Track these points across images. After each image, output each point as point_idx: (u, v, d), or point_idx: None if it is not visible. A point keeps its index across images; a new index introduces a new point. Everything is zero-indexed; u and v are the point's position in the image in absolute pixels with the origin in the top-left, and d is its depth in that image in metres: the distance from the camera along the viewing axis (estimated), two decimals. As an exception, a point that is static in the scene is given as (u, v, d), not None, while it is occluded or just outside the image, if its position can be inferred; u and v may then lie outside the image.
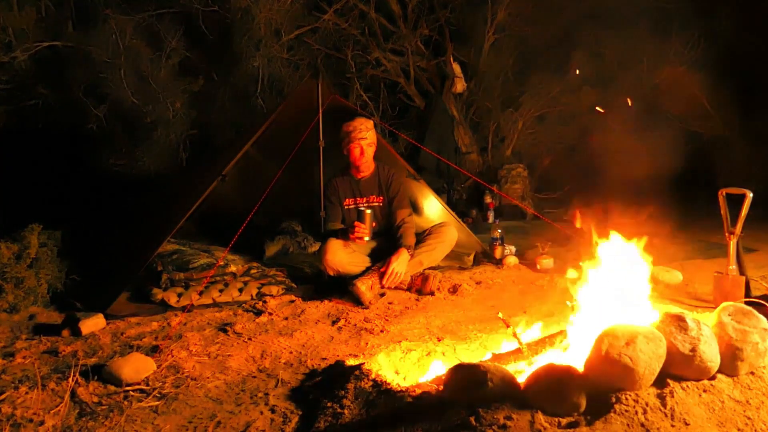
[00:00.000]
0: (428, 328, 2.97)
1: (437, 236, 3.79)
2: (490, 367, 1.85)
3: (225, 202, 4.38)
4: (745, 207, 3.04)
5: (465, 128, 8.21)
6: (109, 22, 5.70)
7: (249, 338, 2.83)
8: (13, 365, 2.51)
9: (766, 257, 4.30)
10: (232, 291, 3.58)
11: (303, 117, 4.14)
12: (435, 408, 1.81)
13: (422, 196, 4.72)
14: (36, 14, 5.72)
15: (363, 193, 3.88)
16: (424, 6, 7.95)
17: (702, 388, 1.86)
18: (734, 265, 3.11)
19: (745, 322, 2.02)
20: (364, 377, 2.06)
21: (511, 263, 4.30)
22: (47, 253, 3.45)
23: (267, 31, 6.63)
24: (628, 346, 1.80)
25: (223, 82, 6.65)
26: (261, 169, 4.50)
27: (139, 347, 2.71)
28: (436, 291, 3.62)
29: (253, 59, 6.54)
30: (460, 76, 7.99)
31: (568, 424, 1.69)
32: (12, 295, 3.17)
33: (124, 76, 5.71)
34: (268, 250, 4.60)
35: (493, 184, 7.21)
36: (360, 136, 3.73)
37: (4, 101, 5.75)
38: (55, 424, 1.96)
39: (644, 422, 1.68)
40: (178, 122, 6.17)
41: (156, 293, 3.45)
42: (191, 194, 3.75)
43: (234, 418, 2.02)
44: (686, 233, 5.19)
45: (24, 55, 5.58)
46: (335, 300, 3.47)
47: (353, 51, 7.71)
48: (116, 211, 5.16)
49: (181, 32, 6.24)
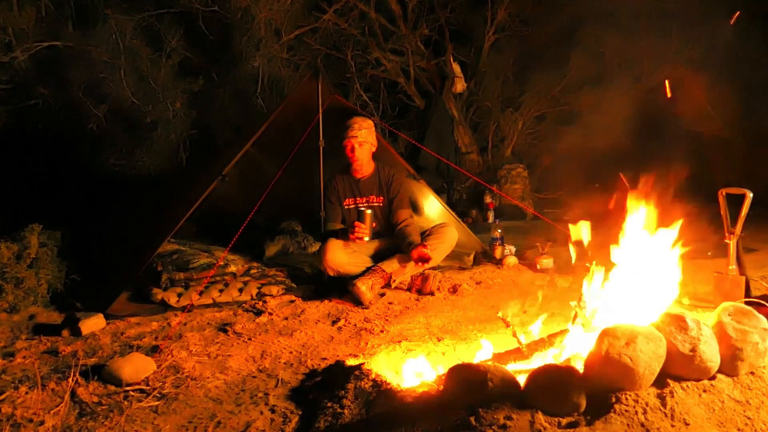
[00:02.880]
0: (428, 328, 2.97)
1: (437, 236, 3.79)
2: (490, 367, 1.85)
3: (225, 202, 4.38)
4: (745, 207, 3.04)
5: (465, 128, 8.21)
6: (109, 22, 5.71)
7: (249, 338, 2.83)
8: (13, 365, 2.51)
9: (766, 257, 4.30)
10: (232, 291, 3.58)
11: (303, 117, 4.15)
12: (435, 408, 1.81)
13: (422, 196, 4.72)
14: (36, 14, 5.72)
15: (363, 193, 3.88)
16: (424, 6, 7.95)
17: (702, 388, 1.86)
18: (734, 265, 3.11)
19: (745, 322, 2.02)
20: (364, 377, 2.06)
21: (511, 263, 4.30)
22: (47, 253, 3.45)
23: (267, 31, 6.64)
24: (628, 346, 1.80)
25: (223, 82, 6.66)
26: (261, 169, 4.50)
27: (139, 347, 2.71)
28: (436, 291, 3.62)
29: (253, 59, 6.55)
30: (460, 76, 8.00)
31: (568, 424, 1.69)
32: (12, 295, 3.17)
33: (124, 76, 5.71)
34: (268, 250, 4.60)
35: (493, 184, 7.21)
36: (351, 134, 3.73)
37: (4, 101, 5.75)
38: (55, 424, 1.96)
39: (644, 422, 1.68)
40: (178, 122, 6.18)
41: (156, 293, 3.44)
42: (191, 194, 3.75)
43: (234, 418, 2.02)
44: (687, 232, 5.18)
45: (24, 55, 5.58)
46: (335, 300, 3.47)
47: (353, 51, 7.72)
48: (116, 211, 5.15)
49: (181, 32, 6.25)
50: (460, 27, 8.11)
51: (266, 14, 6.54)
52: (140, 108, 5.90)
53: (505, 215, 6.98)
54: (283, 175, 3.77)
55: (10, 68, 5.67)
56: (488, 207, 7.04)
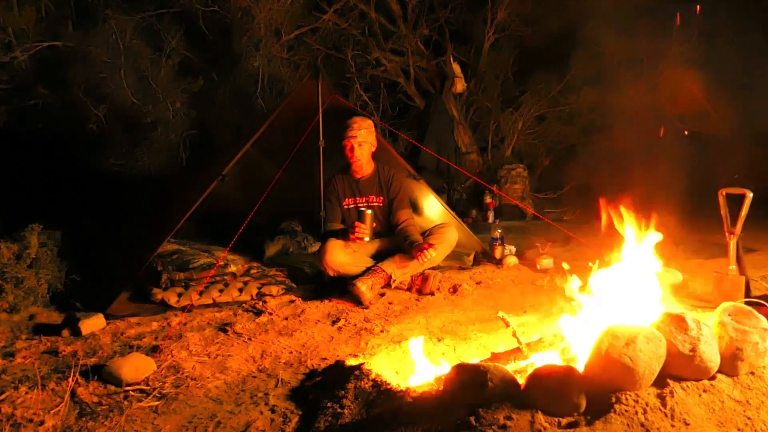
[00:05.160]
0: (428, 328, 2.96)
1: (437, 236, 3.79)
2: (490, 367, 1.85)
3: (225, 202, 4.38)
4: (745, 207, 3.04)
5: (465, 128, 8.21)
6: (109, 22, 5.71)
7: (249, 338, 2.83)
8: (13, 365, 2.51)
9: (766, 257, 4.30)
10: (232, 291, 3.58)
11: (303, 117, 4.14)
12: (435, 408, 1.81)
13: (422, 196, 4.72)
14: (36, 14, 5.72)
15: (362, 193, 3.88)
16: (424, 6, 7.95)
17: (702, 388, 1.86)
18: (734, 265, 3.11)
19: (745, 322, 2.02)
20: (364, 377, 2.06)
21: (511, 263, 4.30)
22: (47, 253, 3.45)
23: (267, 31, 6.64)
24: (628, 346, 1.80)
25: (223, 82, 6.66)
26: (261, 169, 4.50)
27: (139, 347, 2.71)
28: (436, 291, 3.62)
29: (253, 59, 6.55)
30: (460, 76, 8.00)
31: (568, 424, 1.69)
32: (12, 295, 3.17)
33: (124, 76, 5.71)
34: (268, 250, 4.59)
35: (493, 184, 7.21)
36: (350, 134, 3.74)
37: (4, 101, 5.75)
38: (55, 424, 1.96)
39: (644, 422, 1.68)
40: (178, 122, 6.18)
41: (156, 293, 3.44)
42: (191, 194, 3.75)
43: (234, 418, 2.02)
44: (686, 233, 5.18)
45: (24, 55, 5.59)
46: (335, 300, 3.47)
47: (353, 51, 7.72)
48: (116, 211, 5.15)
49: (181, 32, 6.25)
50: (460, 27, 8.11)
51: (266, 14, 6.54)
52: (140, 108, 5.90)
53: (505, 215, 6.97)
54: (283, 175, 3.77)
55: (10, 68, 5.67)
56: (488, 207, 7.04)
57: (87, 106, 5.73)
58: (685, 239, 4.99)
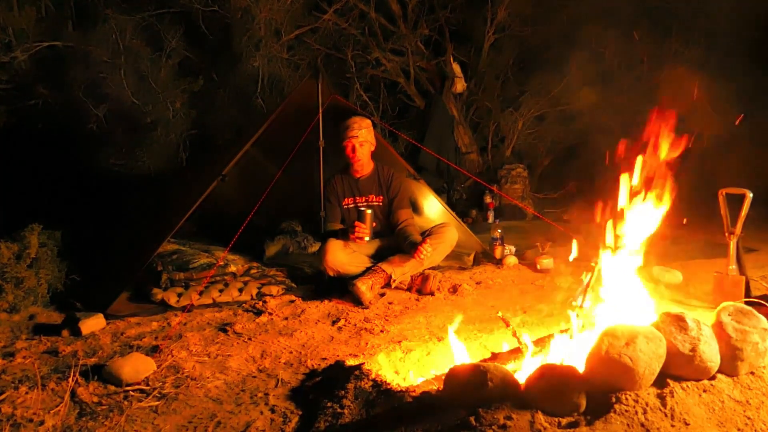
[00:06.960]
0: (428, 328, 2.97)
1: (437, 236, 3.79)
2: (490, 367, 1.85)
3: (225, 202, 4.38)
4: (745, 207, 3.04)
5: (465, 128, 8.21)
6: (109, 22, 5.70)
7: (249, 338, 2.83)
8: (13, 365, 2.51)
9: (766, 257, 4.30)
10: (232, 291, 3.58)
11: (303, 117, 4.14)
12: (435, 408, 1.81)
13: (422, 196, 4.72)
14: (36, 14, 5.71)
15: (362, 193, 3.88)
16: (424, 6, 7.94)
17: (702, 388, 1.86)
18: (734, 265, 3.11)
19: (745, 322, 2.02)
20: (364, 377, 2.06)
21: (511, 263, 4.30)
22: (47, 253, 3.45)
23: (267, 31, 6.63)
24: (628, 346, 1.80)
25: (223, 82, 6.65)
26: (261, 169, 4.50)
27: (139, 347, 2.71)
28: (436, 291, 3.62)
29: (253, 59, 6.54)
30: (460, 76, 7.99)
31: (568, 424, 1.69)
32: (12, 295, 3.17)
33: (124, 76, 5.70)
34: (268, 250, 4.59)
35: (493, 184, 7.20)
36: (351, 134, 3.75)
37: (4, 101, 5.75)
38: (55, 424, 1.96)
39: (644, 422, 1.68)
40: (178, 122, 6.17)
41: (156, 293, 3.44)
42: (191, 194, 3.75)
43: (234, 418, 2.02)
44: (687, 232, 5.18)
45: (24, 55, 5.58)
46: (335, 300, 3.47)
47: (353, 51, 7.70)
48: (116, 211, 5.15)
49: (181, 32, 6.24)
50: (460, 27, 8.10)
51: (266, 14, 6.53)
52: (140, 108, 5.89)
53: (505, 215, 6.97)
54: (283, 175, 3.77)
55: (10, 68, 5.66)
56: (488, 207, 7.03)
57: (87, 106, 5.73)
58: (685, 239, 4.99)
